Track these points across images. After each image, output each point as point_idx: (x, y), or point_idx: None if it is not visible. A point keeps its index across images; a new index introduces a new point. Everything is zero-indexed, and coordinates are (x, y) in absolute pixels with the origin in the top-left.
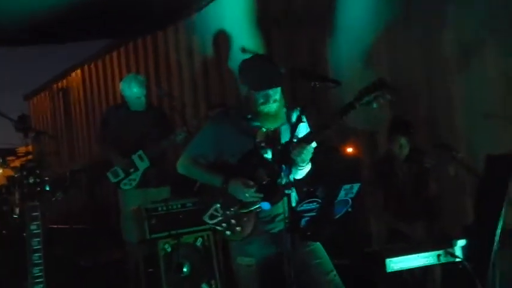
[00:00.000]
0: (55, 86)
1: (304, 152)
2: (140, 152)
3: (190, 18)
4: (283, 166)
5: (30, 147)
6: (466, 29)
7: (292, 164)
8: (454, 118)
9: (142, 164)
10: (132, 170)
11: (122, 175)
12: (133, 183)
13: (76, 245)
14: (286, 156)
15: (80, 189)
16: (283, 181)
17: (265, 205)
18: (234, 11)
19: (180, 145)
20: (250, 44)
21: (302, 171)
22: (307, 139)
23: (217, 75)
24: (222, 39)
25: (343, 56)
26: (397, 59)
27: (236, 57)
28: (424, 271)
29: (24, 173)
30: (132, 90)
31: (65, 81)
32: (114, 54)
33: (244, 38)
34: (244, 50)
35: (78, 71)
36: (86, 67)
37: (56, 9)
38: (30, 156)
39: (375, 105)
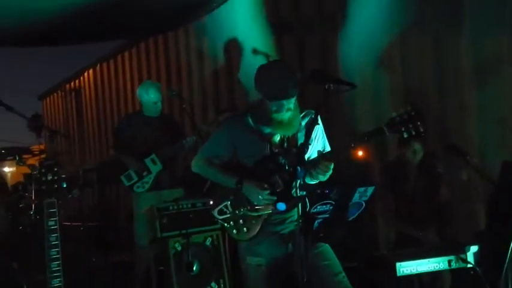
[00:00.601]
0: (68, 86)
1: (327, 170)
2: (153, 155)
3: (200, 21)
4: (299, 168)
5: (43, 146)
6: (482, 37)
7: (307, 169)
8: (466, 125)
9: (155, 168)
10: (145, 173)
11: (136, 178)
12: (147, 186)
13: (87, 243)
14: (301, 158)
15: (92, 188)
16: (298, 182)
17: (281, 206)
18: (244, 14)
19: (190, 149)
20: (261, 46)
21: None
22: (328, 158)
23: (227, 79)
24: (232, 41)
25: (355, 59)
26: (410, 63)
27: (247, 60)
28: (433, 276)
29: (43, 170)
30: (150, 95)
31: (77, 81)
32: (126, 55)
33: (255, 40)
34: (255, 52)
35: (90, 71)
36: (97, 68)
37: (70, 9)
38: (45, 155)
39: (405, 135)
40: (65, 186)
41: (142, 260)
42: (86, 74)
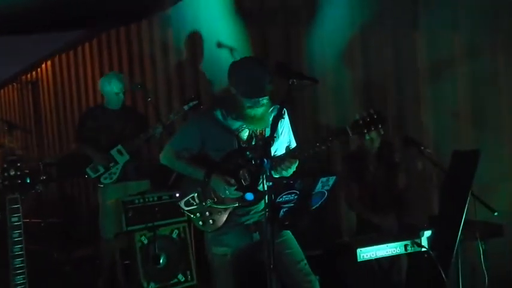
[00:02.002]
0: (24, 77)
1: (291, 167)
2: (119, 146)
3: (165, 12)
4: (265, 160)
5: None
6: (437, 35)
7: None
8: (421, 117)
9: (122, 158)
10: (112, 164)
11: (102, 170)
12: (114, 177)
13: (49, 240)
14: (268, 151)
15: (54, 183)
16: (265, 174)
17: (249, 196)
18: (209, 5)
19: (156, 139)
20: (226, 39)
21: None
22: (293, 155)
23: (192, 71)
24: (197, 33)
25: (318, 53)
26: (370, 58)
27: (210, 52)
28: (391, 261)
29: (5, 165)
30: (112, 86)
31: (34, 73)
32: (87, 46)
33: (220, 32)
34: (220, 45)
35: (49, 62)
36: (56, 59)
37: None
38: (2, 149)
39: (367, 136)
40: (28, 181)
41: (107, 253)
42: (43, 65)
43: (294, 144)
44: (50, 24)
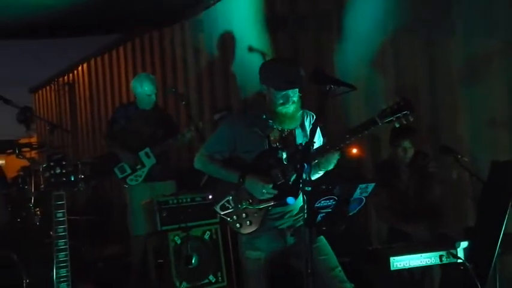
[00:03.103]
0: (61, 79)
1: (335, 159)
2: (147, 149)
3: (197, 17)
4: (305, 165)
5: (33, 139)
6: (474, 38)
7: (312, 165)
8: (457, 125)
9: (149, 161)
10: (138, 166)
11: (129, 171)
12: (140, 179)
13: (83, 236)
14: (308, 156)
15: (95, 182)
16: (304, 179)
17: (291, 200)
18: (241, 11)
19: (186, 144)
20: (256, 43)
21: (316, 175)
22: (325, 149)
23: (223, 75)
24: (228, 38)
25: (349, 58)
26: (402, 64)
27: (242, 58)
28: (423, 271)
29: (52, 163)
30: (144, 88)
31: (71, 75)
32: (121, 49)
33: (251, 38)
34: (251, 49)
35: (85, 65)
36: (92, 62)
37: (68, 2)
38: (47, 148)
39: (397, 124)
40: (72, 179)
41: (137, 250)
42: (79, 68)
43: None
44: (86, 29)
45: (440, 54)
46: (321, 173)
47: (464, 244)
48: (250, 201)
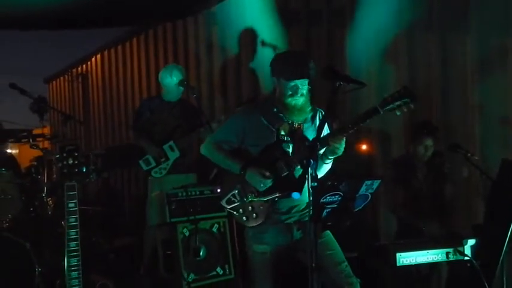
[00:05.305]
0: (75, 70)
1: (342, 142)
2: (171, 142)
3: (210, 10)
4: (311, 160)
5: (46, 129)
6: (488, 36)
7: (318, 160)
8: (469, 123)
9: (173, 154)
10: (163, 159)
11: (153, 164)
12: (164, 172)
13: (93, 227)
14: (314, 151)
15: (107, 173)
16: (310, 174)
17: (296, 195)
18: (254, 4)
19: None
20: (269, 38)
21: (325, 166)
22: (341, 131)
23: (235, 69)
24: (241, 32)
25: (362, 53)
26: (415, 60)
27: (255, 51)
28: (430, 267)
29: (64, 154)
30: (173, 77)
31: (84, 66)
32: (134, 41)
33: (264, 32)
34: (263, 43)
35: (98, 56)
36: (105, 53)
37: None
38: (59, 139)
39: (398, 112)
40: (84, 170)
41: (149, 240)
42: (93, 59)
43: None
44: (100, 20)
45: (454, 50)
46: (330, 161)
47: (471, 241)
48: (255, 193)
